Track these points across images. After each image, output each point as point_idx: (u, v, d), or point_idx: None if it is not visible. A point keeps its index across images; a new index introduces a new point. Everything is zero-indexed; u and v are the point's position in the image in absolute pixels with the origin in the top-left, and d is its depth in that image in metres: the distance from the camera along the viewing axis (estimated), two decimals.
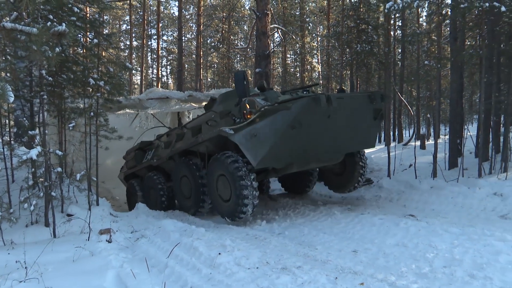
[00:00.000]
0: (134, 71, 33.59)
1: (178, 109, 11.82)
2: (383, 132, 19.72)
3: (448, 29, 14.08)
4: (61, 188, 6.72)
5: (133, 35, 31.85)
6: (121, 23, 37.40)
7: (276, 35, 25.41)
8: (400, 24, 22.03)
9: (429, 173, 9.30)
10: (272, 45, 20.63)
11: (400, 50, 21.07)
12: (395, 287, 3.53)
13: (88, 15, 13.57)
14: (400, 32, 21.89)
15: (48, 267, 4.40)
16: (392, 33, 21.18)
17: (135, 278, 4.03)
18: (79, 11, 7.11)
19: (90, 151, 7.29)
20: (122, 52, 31.12)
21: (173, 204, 8.91)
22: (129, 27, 31.09)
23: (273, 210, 7.65)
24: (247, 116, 6.35)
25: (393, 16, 19.00)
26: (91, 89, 7.31)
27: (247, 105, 6.39)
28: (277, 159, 6.50)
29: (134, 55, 33.03)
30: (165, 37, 39.46)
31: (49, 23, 4.52)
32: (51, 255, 4.80)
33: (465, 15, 9.77)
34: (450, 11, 10.07)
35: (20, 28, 3.61)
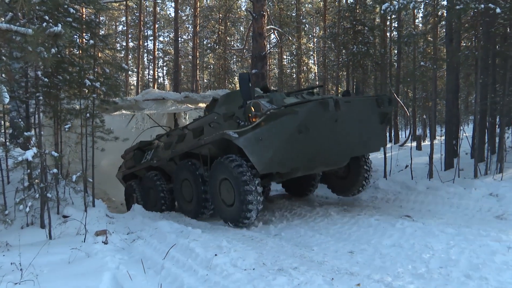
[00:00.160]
0: (130, 72, 33.62)
1: (174, 110, 11.82)
2: None
3: (443, 30, 14.17)
4: (57, 189, 6.69)
5: (129, 36, 31.88)
6: (117, 24, 37.37)
7: (272, 36, 25.55)
8: (396, 25, 22.14)
9: (425, 174, 9.33)
10: (268, 46, 20.64)
11: (396, 51, 21.13)
12: None
13: (84, 16, 13.56)
14: (396, 33, 22.01)
15: (43, 269, 4.37)
16: (388, 34, 21.27)
17: (131, 279, 4.02)
18: (75, 12, 7.08)
19: (86, 153, 7.26)
20: (118, 53, 31.15)
21: (173, 205, 8.78)
22: (125, 28, 31.13)
23: (270, 211, 7.63)
24: (252, 119, 6.20)
25: (389, 17, 19.07)
26: (87, 90, 7.29)
27: (252, 108, 6.24)
28: (283, 164, 6.32)
29: (130, 56, 32.96)
30: (161, 38, 39.56)
31: (45, 24, 4.52)
32: (46, 256, 4.78)
33: (460, 16, 9.82)
34: (445, 12, 10.14)
35: (15, 29, 3.58)
